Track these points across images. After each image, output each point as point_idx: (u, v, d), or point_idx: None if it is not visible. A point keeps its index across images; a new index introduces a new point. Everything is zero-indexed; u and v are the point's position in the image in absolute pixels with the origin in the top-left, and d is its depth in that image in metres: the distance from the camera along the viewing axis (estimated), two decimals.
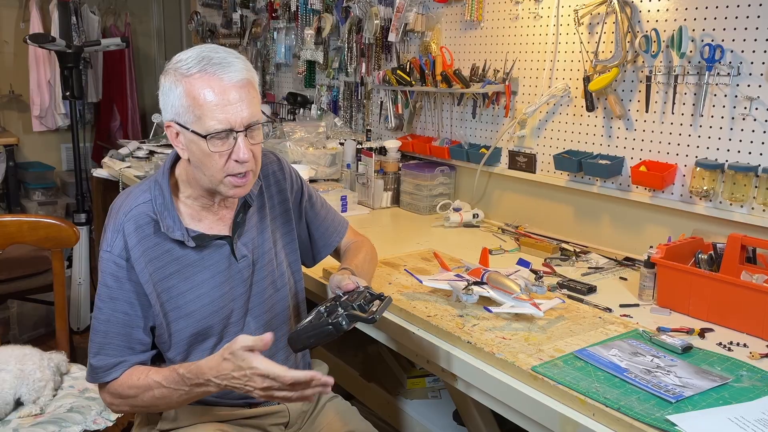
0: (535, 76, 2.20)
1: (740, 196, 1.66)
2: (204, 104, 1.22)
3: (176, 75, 1.25)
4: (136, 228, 1.29)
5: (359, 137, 2.99)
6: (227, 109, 1.23)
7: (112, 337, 1.30)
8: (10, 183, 4.49)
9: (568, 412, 1.12)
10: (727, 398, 1.11)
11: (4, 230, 1.87)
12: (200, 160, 1.27)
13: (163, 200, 1.32)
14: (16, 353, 1.70)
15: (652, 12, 1.84)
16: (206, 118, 1.23)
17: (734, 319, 1.43)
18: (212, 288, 1.36)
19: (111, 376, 1.31)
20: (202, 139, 1.24)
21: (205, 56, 1.24)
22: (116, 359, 1.30)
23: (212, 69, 1.23)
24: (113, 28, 5.16)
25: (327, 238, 1.62)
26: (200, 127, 1.23)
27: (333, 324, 1.18)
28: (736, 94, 1.67)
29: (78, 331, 3.50)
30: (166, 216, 1.31)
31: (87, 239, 3.49)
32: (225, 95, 1.23)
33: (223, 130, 1.23)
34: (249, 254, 1.41)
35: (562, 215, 2.18)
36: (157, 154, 3.30)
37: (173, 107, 1.26)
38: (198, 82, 1.23)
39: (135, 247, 1.29)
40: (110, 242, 1.29)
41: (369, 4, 2.89)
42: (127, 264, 1.29)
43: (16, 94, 4.85)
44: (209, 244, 1.35)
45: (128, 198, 1.33)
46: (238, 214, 1.41)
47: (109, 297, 1.30)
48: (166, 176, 1.35)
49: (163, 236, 1.31)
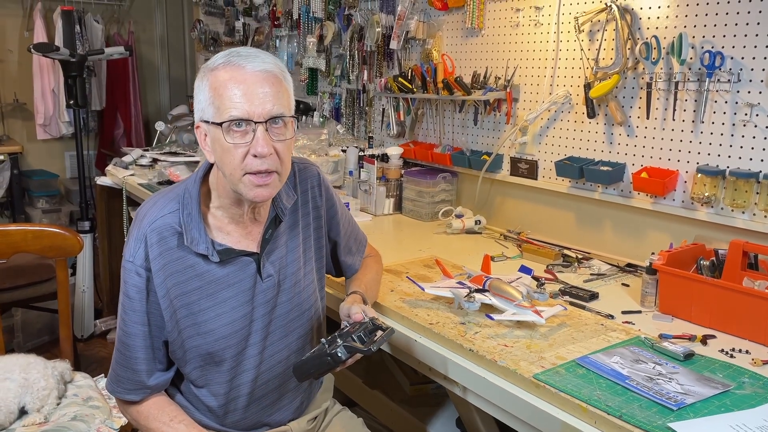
0: (536, 83, 2.21)
1: (741, 202, 1.66)
2: (224, 93, 1.18)
3: (203, 72, 1.23)
4: (159, 239, 1.24)
5: (361, 144, 3.00)
6: (246, 97, 1.17)
7: (135, 351, 1.28)
8: (14, 191, 4.51)
9: (569, 419, 1.12)
10: (729, 405, 1.11)
11: (9, 239, 1.88)
12: (221, 158, 1.21)
13: (190, 210, 1.26)
14: (21, 362, 1.70)
15: (652, 19, 1.84)
16: (224, 107, 1.17)
17: (736, 326, 1.43)
18: (234, 308, 1.29)
19: (130, 396, 1.30)
20: (219, 129, 1.18)
21: (233, 51, 1.22)
22: (138, 378, 1.30)
23: (237, 60, 1.19)
24: (117, 37, 5.18)
25: (346, 257, 1.56)
26: (219, 117, 1.18)
27: (331, 355, 1.19)
28: (737, 100, 1.67)
29: (82, 339, 3.51)
30: (192, 227, 1.25)
31: (91, 247, 3.51)
32: (245, 84, 1.18)
33: (240, 119, 1.17)
34: (275, 274, 1.33)
35: (564, 222, 2.18)
36: (160, 161, 3.32)
37: (200, 105, 1.23)
38: (221, 73, 1.19)
39: (156, 259, 1.24)
40: (133, 252, 1.25)
41: (371, 12, 2.90)
42: (148, 275, 1.25)
43: (21, 102, 4.87)
44: (235, 260, 1.28)
45: (154, 207, 1.27)
46: (268, 230, 1.33)
47: (132, 309, 1.26)
48: (197, 184, 1.28)
49: (187, 250, 1.25)
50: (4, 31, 4.80)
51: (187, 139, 3.80)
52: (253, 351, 1.33)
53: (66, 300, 1.93)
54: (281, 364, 1.37)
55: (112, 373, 1.33)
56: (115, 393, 1.33)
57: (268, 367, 1.36)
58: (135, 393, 1.32)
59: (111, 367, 1.33)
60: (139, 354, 1.29)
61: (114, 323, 3.64)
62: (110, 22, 5.16)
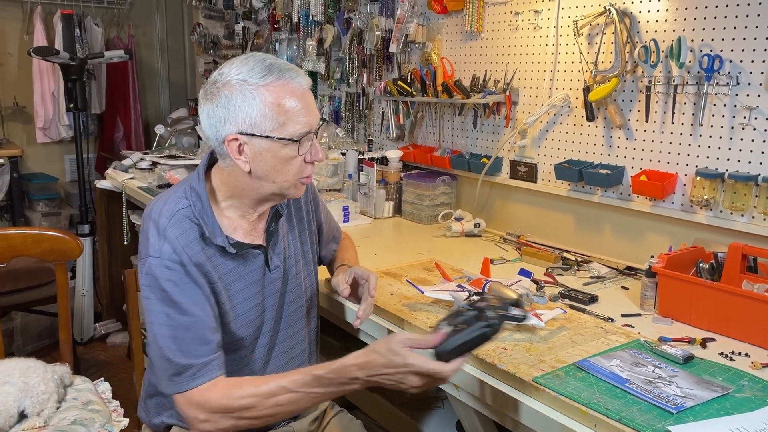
0: (535, 86, 2.21)
1: (741, 205, 1.67)
2: (290, 109, 1.24)
3: (247, 86, 1.23)
4: (181, 233, 1.26)
5: (361, 147, 3.00)
6: (308, 110, 1.27)
7: (187, 343, 1.22)
8: (14, 194, 4.51)
9: (569, 423, 1.12)
10: (729, 409, 1.12)
11: (9, 243, 1.88)
12: (273, 168, 1.27)
13: (201, 206, 1.29)
14: (21, 366, 1.70)
15: (651, 23, 1.85)
16: (292, 122, 1.25)
17: (736, 329, 1.43)
18: (246, 298, 1.35)
19: (197, 380, 1.21)
20: (287, 144, 1.25)
21: (272, 64, 1.25)
22: (200, 360, 1.22)
23: (287, 75, 1.25)
24: (117, 40, 5.19)
25: (330, 245, 1.66)
26: (285, 133, 1.25)
27: (491, 326, 1.13)
28: (736, 103, 1.67)
29: (82, 342, 3.51)
30: (207, 221, 1.29)
31: (90, 250, 3.51)
32: (305, 99, 1.27)
33: (308, 132, 1.27)
34: (281, 265, 1.42)
35: (564, 224, 2.18)
36: (160, 165, 3.32)
37: (246, 119, 1.24)
38: (280, 89, 1.24)
39: (183, 251, 1.24)
40: (157, 248, 1.24)
41: (370, 16, 2.91)
42: (181, 267, 1.24)
43: (20, 105, 4.87)
44: (245, 253, 1.34)
45: (167, 204, 1.29)
46: (271, 223, 1.41)
47: (171, 301, 1.23)
48: (203, 183, 1.32)
49: (203, 243, 1.28)
50: (4, 34, 4.81)
51: (186, 143, 3.80)
52: (264, 340, 1.40)
53: (66, 303, 1.93)
54: (286, 354, 1.45)
55: (172, 377, 1.22)
56: (180, 388, 1.22)
57: (277, 354, 1.43)
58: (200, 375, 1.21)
59: (161, 378, 1.25)
60: (192, 345, 1.22)
61: (114, 326, 3.65)
62: (110, 26, 5.17)
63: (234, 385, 1.21)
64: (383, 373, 1.13)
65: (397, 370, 1.11)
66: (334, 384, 1.16)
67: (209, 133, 1.29)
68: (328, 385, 1.17)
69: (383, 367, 1.12)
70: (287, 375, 1.20)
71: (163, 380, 1.25)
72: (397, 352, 1.11)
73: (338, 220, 2.41)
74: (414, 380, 1.12)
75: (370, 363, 1.13)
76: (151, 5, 5.44)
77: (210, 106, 1.27)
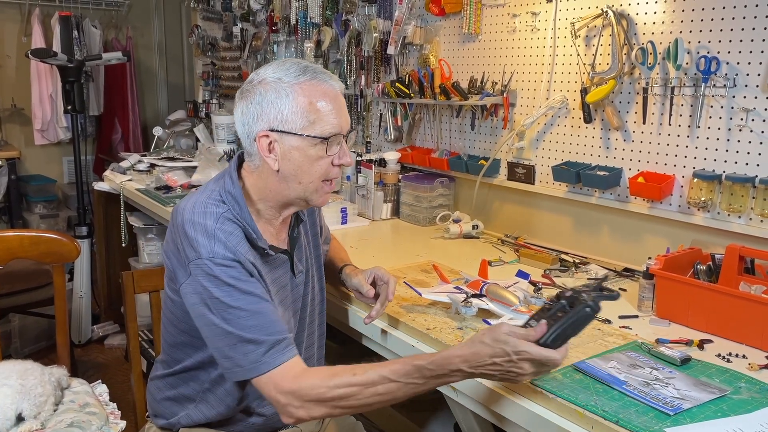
0: (532, 88, 2.21)
1: (738, 206, 1.67)
2: (321, 109, 1.27)
3: (281, 84, 1.26)
4: (230, 233, 1.25)
5: (359, 149, 3.00)
6: (339, 113, 1.29)
7: (268, 324, 1.21)
8: (11, 196, 4.50)
9: (567, 425, 1.12)
10: (726, 410, 1.12)
11: (6, 245, 1.88)
12: (300, 167, 1.29)
13: (239, 210, 1.30)
14: (18, 368, 1.70)
15: (648, 24, 1.85)
16: (321, 122, 1.27)
17: (733, 330, 1.43)
18: (280, 302, 1.37)
19: (287, 354, 1.20)
20: (316, 143, 1.27)
21: (307, 66, 1.29)
22: (286, 334, 1.21)
23: (321, 77, 1.29)
24: (115, 42, 5.19)
25: (326, 246, 1.68)
26: (315, 131, 1.27)
27: (591, 307, 1.11)
28: (733, 105, 1.68)
29: (79, 345, 3.50)
30: (248, 224, 1.29)
31: (88, 252, 3.50)
32: (337, 101, 1.30)
33: (338, 134, 1.29)
34: (303, 270, 1.45)
35: (562, 226, 2.19)
36: (158, 167, 3.32)
37: (278, 115, 1.26)
38: (313, 89, 1.27)
39: (236, 250, 1.24)
40: (209, 249, 1.22)
41: (368, 18, 2.91)
42: (239, 264, 1.23)
43: (18, 107, 4.87)
44: (276, 257, 1.36)
45: (207, 208, 1.27)
46: (294, 229, 1.43)
47: (240, 293, 1.21)
48: (238, 186, 1.32)
49: (246, 246, 1.27)
50: (2, 36, 4.80)
51: (184, 144, 3.80)
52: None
53: (63, 306, 1.93)
54: (303, 354, 1.45)
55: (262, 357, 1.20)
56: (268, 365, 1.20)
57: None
58: (289, 347, 1.22)
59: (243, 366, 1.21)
60: (271, 327, 1.22)
61: (111, 328, 3.65)
62: (108, 28, 5.17)
63: (332, 374, 1.18)
64: (491, 363, 1.11)
65: (507, 358, 1.09)
66: (435, 375, 1.15)
67: (241, 130, 1.31)
68: (429, 376, 1.15)
69: (490, 357, 1.10)
70: (386, 365, 1.18)
71: (245, 366, 1.21)
72: (506, 342, 1.09)
73: (336, 222, 2.43)
74: (527, 367, 1.10)
75: (477, 354, 1.11)
76: (150, 7, 5.44)
77: (245, 104, 1.30)
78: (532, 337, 1.10)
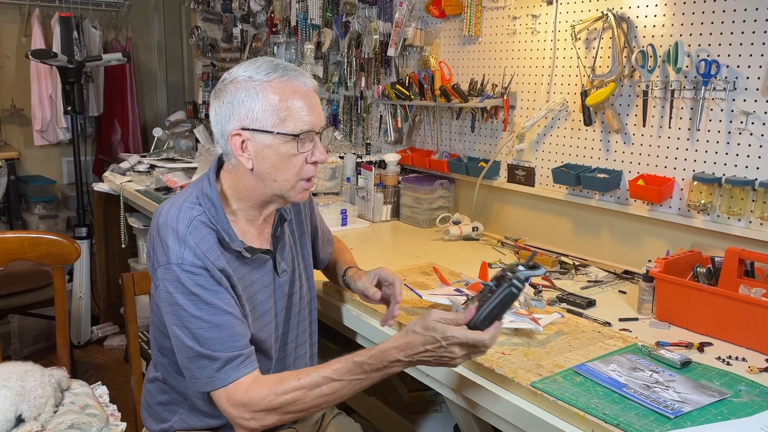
0: (533, 90, 2.22)
1: (737, 209, 1.67)
2: (291, 106, 1.27)
3: (252, 83, 1.27)
4: (200, 239, 1.26)
5: (359, 151, 3.00)
6: (311, 110, 1.28)
7: (225, 340, 1.23)
8: (11, 197, 4.51)
9: (567, 428, 1.12)
10: (726, 414, 1.12)
11: (6, 247, 1.88)
12: (274, 166, 1.29)
13: (215, 212, 1.30)
14: (18, 370, 1.70)
15: (648, 27, 1.85)
16: (293, 119, 1.27)
17: (733, 333, 1.43)
18: (260, 302, 1.37)
19: (241, 371, 1.22)
20: (288, 140, 1.27)
21: (278, 64, 1.29)
22: (242, 351, 1.23)
23: (291, 74, 1.28)
24: (115, 43, 5.19)
25: (326, 249, 1.68)
26: (286, 129, 1.27)
27: (514, 285, 1.14)
28: (732, 108, 1.68)
29: (79, 346, 3.50)
30: (223, 228, 1.30)
31: (88, 253, 3.50)
32: (308, 98, 1.29)
33: (308, 131, 1.28)
34: (288, 269, 1.45)
35: (561, 228, 2.19)
36: (158, 168, 3.32)
37: (249, 114, 1.26)
38: (283, 86, 1.27)
39: (205, 257, 1.25)
40: (178, 254, 1.24)
41: (368, 19, 2.91)
42: (206, 272, 1.24)
43: (18, 108, 4.87)
44: (257, 258, 1.36)
45: (181, 211, 1.28)
46: (277, 228, 1.43)
47: (204, 303, 1.23)
48: (215, 188, 1.33)
49: (222, 248, 1.28)
50: (2, 37, 4.81)
51: (184, 145, 3.80)
52: (278, 344, 1.42)
53: (63, 307, 1.93)
54: (292, 355, 1.47)
55: (215, 372, 1.23)
56: (221, 382, 1.22)
57: (286, 355, 1.46)
58: (244, 363, 1.23)
59: (197, 379, 1.24)
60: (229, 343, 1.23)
61: (111, 329, 3.64)
62: (108, 29, 5.17)
63: (277, 381, 1.22)
64: (424, 351, 1.14)
65: (437, 344, 1.13)
66: (375, 369, 1.18)
67: (216, 130, 1.32)
68: (370, 370, 1.18)
69: (423, 345, 1.14)
70: (327, 365, 1.21)
71: (201, 379, 1.24)
72: (435, 328, 1.12)
73: (336, 224, 2.43)
74: (457, 351, 1.13)
75: (410, 344, 1.14)
76: (149, 8, 5.45)
77: (218, 103, 1.30)
78: (461, 321, 1.14)
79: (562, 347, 1.38)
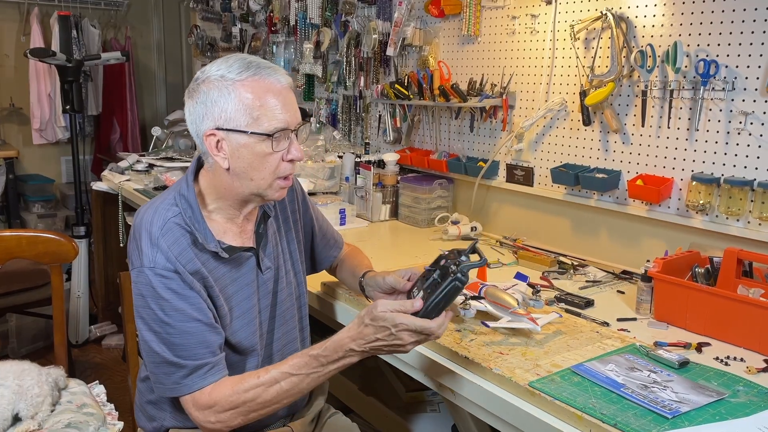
0: (532, 90, 2.21)
1: (736, 209, 1.67)
2: (264, 105, 1.25)
3: (224, 82, 1.25)
4: (173, 241, 1.26)
5: (358, 150, 3.00)
6: (285, 108, 1.27)
7: (192, 347, 1.24)
8: (9, 196, 4.50)
9: (565, 428, 1.12)
10: (724, 414, 1.12)
11: (3, 245, 1.87)
12: (250, 165, 1.27)
13: (192, 213, 1.30)
14: (15, 369, 1.70)
15: (647, 27, 1.85)
16: (266, 118, 1.25)
17: (731, 334, 1.43)
18: (242, 300, 1.36)
19: (206, 380, 1.23)
20: (263, 140, 1.25)
21: (251, 62, 1.27)
22: (206, 360, 1.24)
23: (264, 72, 1.26)
24: (114, 42, 5.18)
25: (328, 250, 1.66)
26: (260, 128, 1.25)
27: (458, 279, 1.17)
28: (731, 108, 1.68)
29: (77, 345, 3.49)
30: (199, 228, 1.29)
31: (86, 252, 3.50)
32: (282, 96, 1.27)
33: (284, 129, 1.26)
34: (272, 265, 1.43)
35: (560, 228, 2.19)
36: (156, 167, 3.31)
37: (222, 114, 1.25)
38: (256, 85, 1.25)
39: (177, 260, 1.25)
40: (150, 258, 1.24)
41: (367, 19, 2.91)
42: (177, 276, 1.24)
43: (17, 107, 4.86)
44: (237, 256, 1.35)
45: (156, 213, 1.29)
46: (259, 225, 1.41)
47: (173, 309, 1.24)
48: (192, 189, 1.33)
49: (196, 250, 1.28)
50: (1, 35, 4.80)
51: (183, 145, 3.80)
52: (260, 341, 1.40)
53: (61, 306, 1.93)
54: (280, 352, 1.45)
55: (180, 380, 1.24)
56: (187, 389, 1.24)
57: (273, 353, 1.44)
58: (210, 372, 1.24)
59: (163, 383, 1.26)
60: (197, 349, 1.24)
61: (109, 329, 3.64)
62: (107, 27, 5.17)
63: (238, 381, 1.24)
64: (376, 340, 1.18)
65: (388, 332, 1.17)
66: (332, 360, 1.21)
67: (192, 130, 1.31)
68: (326, 362, 1.21)
69: (374, 335, 1.18)
70: (286, 361, 1.24)
71: (166, 385, 1.26)
72: (384, 318, 1.16)
73: (335, 223, 2.42)
74: (406, 337, 1.17)
75: (362, 334, 1.18)
76: (149, 7, 5.44)
77: (191, 103, 1.29)
78: (408, 309, 1.18)
79: (560, 347, 1.38)
